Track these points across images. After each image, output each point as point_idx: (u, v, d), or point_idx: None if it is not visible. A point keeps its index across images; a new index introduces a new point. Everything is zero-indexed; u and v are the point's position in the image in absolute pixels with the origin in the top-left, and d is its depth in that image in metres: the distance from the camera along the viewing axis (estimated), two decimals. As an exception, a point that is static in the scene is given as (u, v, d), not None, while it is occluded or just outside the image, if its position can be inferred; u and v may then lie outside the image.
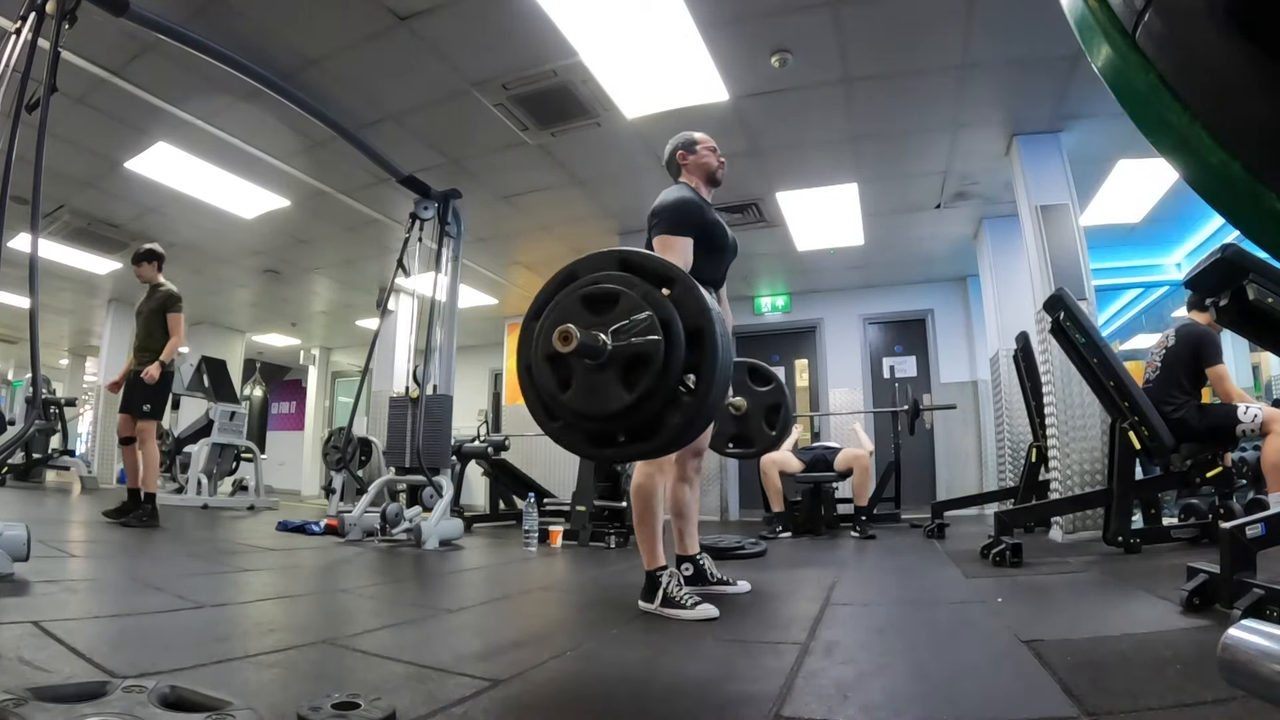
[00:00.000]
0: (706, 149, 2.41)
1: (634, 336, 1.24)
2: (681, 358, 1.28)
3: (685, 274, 1.40)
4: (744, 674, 1.31)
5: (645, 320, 1.26)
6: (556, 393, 1.31)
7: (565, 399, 1.32)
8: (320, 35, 3.53)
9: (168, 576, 2.35)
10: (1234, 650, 0.62)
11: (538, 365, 1.36)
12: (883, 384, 7.49)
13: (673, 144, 2.44)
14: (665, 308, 1.30)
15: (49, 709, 0.83)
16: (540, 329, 1.38)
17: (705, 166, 2.40)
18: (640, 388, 1.24)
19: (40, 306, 2.12)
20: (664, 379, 1.25)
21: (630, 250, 1.45)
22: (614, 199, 5.49)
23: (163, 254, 4.38)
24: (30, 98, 2.14)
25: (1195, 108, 0.41)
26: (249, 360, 11.10)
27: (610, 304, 1.33)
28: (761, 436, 2.88)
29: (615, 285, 1.35)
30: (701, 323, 1.31)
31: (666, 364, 1.26)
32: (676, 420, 1.29)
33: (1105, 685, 1.16)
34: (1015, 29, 3.40)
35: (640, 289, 1.32)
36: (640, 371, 1.25)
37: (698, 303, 1.32)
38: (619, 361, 1.27)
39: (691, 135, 2.45)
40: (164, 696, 0.90)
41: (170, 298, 4.22)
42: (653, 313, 1.28)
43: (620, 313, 1.30)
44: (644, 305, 1.29)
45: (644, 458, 1.32)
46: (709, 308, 1.32)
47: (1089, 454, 3.76)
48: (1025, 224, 4.37)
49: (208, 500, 6.09)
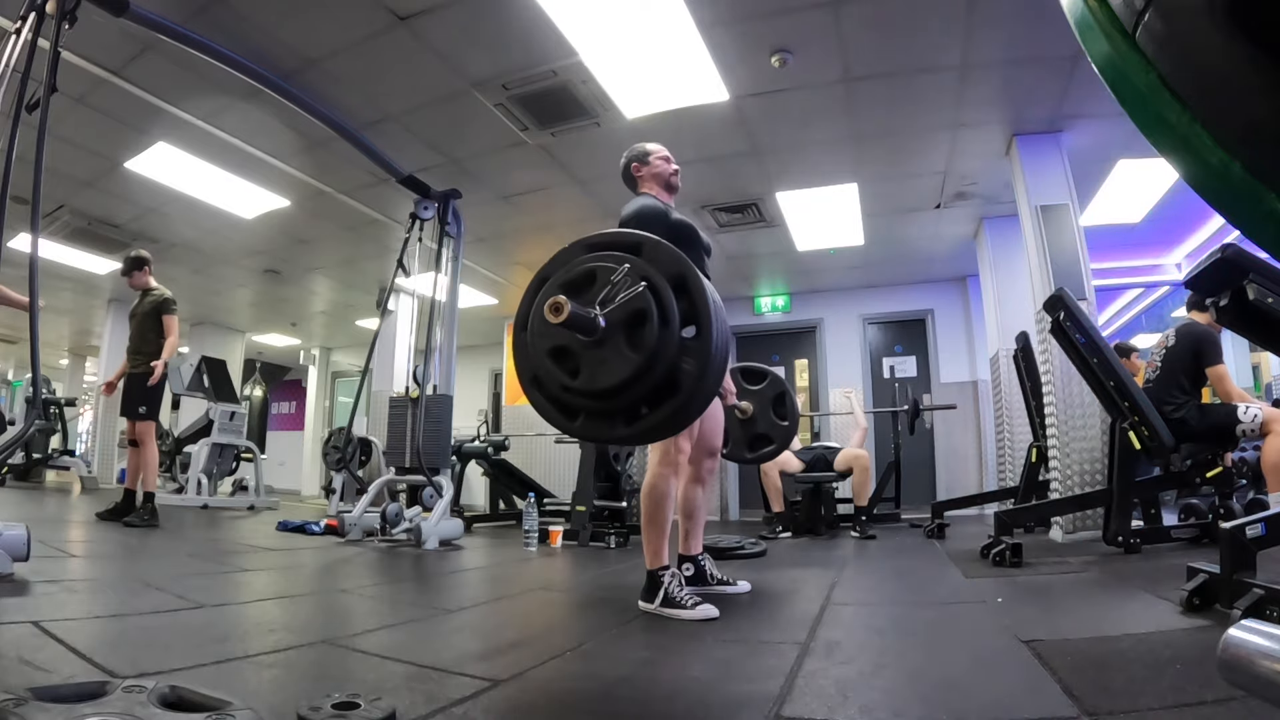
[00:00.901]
0: (659, 158, 2.46)
1: (620, 295, 1.25)
2: (674, 305, 1.29)
3: (649, 235, 1.41)
4: (744, 674, 1.31)
5: (626, 279, 1.27)
6: (567, 381, 1.30)
7: (578, 385, 1.31)
8: (320, 35, 3.52)
9: (168, 576, 2.35)
10: (1234, 650, 0.62)
11: (542, 365, 1.36)
12: (883, 384, 7.49)
13: (626, 157, 2.49)
14: (642, 266, 1.32)
15: (49, 709, 0.83)
16: (531, 334, 1.38)
17: (660, 175, 2.44)
18: (646, 345, 1.24)
19: (40, 306, 2.12)
20: (666, 330, 1.26)
21: (592, 235, 1.47)
22: (614, 199, 5.42)
23: (148, 257, 4.39)
24: (30, 98, 2.14)
25: (1195, 108, 0.41)
26: (249, 360, 11.10)
27: (589, 282, 1.35)
28: (776, 430, 2.89)
29: (589, 264, 1.36)
30: (681, 269, 1.33)
31: (662, 313, 1.27)
32: (691, 368, 1.29)
33: (1105, 685, 1.16)
34: (1015, 29, 3.39)
35: (611, 258, 1.34)
36: (640, 329, 1.25)
37: (670, 254, 1.34)
38: (617, 327, 1.27)
39: (644, 147, 2.49)
40: (164, 696, 0.90)
41: (164, 301, 4.24)
42: (630, 267, 1.29)
43: (600, 285, 1.31)
44: (620, 268, 1.30)
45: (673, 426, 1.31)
46: (682, 256, 1.34)
47: (1089, 454, 3.76)
48: (1025, 224, 4.37)
49: (208, 500, 6.09)
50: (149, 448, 4.18)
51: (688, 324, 1.31)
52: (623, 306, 1.25)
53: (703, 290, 1.31)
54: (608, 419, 1.35)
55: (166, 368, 4.12)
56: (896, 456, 5.41)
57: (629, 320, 1.27)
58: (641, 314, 1.26)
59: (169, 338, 4.19)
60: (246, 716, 0.85)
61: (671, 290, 1.30)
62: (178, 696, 0.91)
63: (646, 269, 1.31)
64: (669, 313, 1.28)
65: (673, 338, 1.29)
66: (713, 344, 1.30)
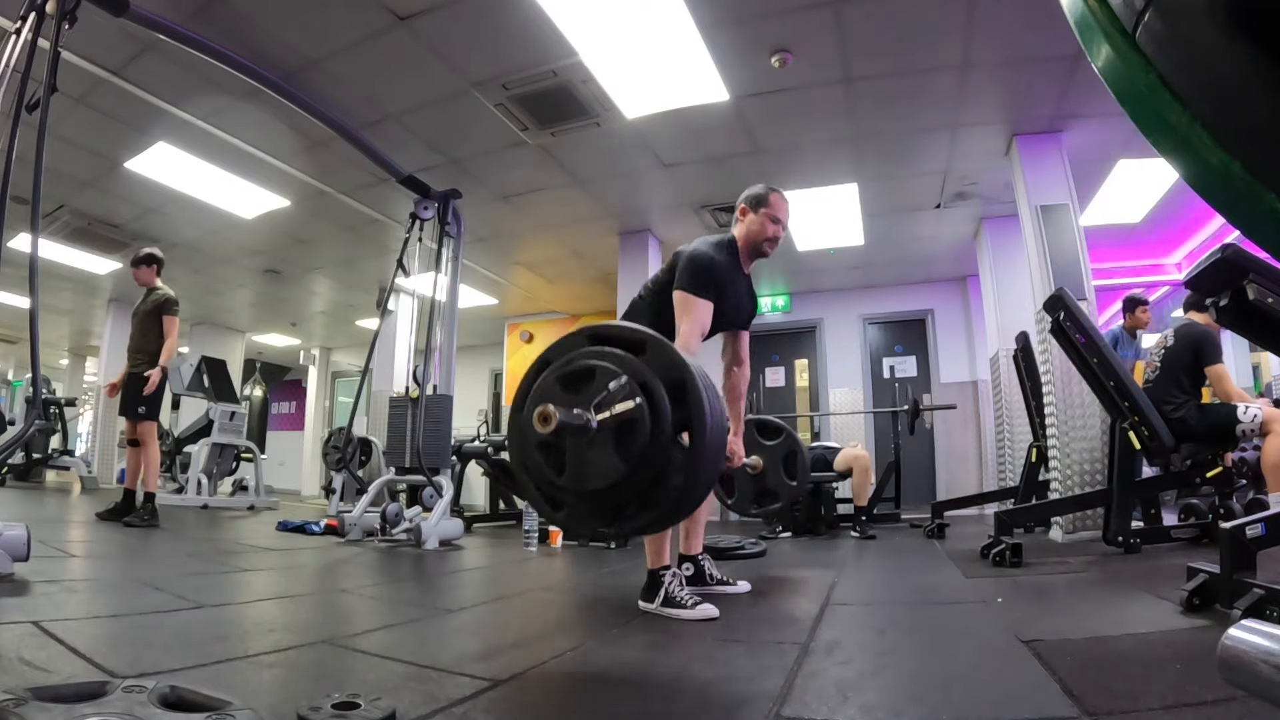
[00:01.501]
0: (767, 216, 2.28)
1: (616, 404, 1.23)
2: (669, 416, 1.26)
3: (655, 335, 1.38)
4: (744, 674, 1.31)
5: (623, 388, 1.25)
6: (554, 477, 1.29)
7: (563, 482, 1.29)
8: (320, 35, 3.52)
9: (168, 576, 2.35)
10: (1234, 650, 0.62)
11: (530, 456, 1.34)
12: (883, 384, 7.49)
13: (750, 191, 2.33)
14: (641, 371, 1.29)
15: (49, 709, 0.83)
16: (524, 423, 1.36)
17: (754, 234, 2.28)
18: (634, 455, 1.22)
19: (40, 306, 2.12)
20: (655, 441, 1.24)
21: (598, 325, 1.45)
22: (614, 199, 5.49)
23: (162, 258, 4.37)
24: (30, 98, 2.14)
25: (1195, 108, 0.41)
26: (249, 360, 11.10)
27: (587, 379, 1.32)
28: (784, 488, 2.84)
29: (589, 360, 1.34)
30: (682, 376, 1.30)
31: (655, 426, 1.24)
32: (678, 482, 1.28)
33: (1105, 685, 1.16)
34: (1015, 29, 3.39)
35: (613, 358, 1.32)
36: (630, 438, 1.23)
37: (672, 358, 1.31)
38: (607, 432, 1.25)
39: (764, 193, 2.30)
40: (164, 696, 0.90)
41: (166, 301, 4.22)
42: (629, 378, 1.27)
43: (598, 386, 1.28)
44: (619, 373, 1.28)
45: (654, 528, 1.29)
46: (684, 362, 1.31)
47: (1089, 454, 3.76)
48: (1025, 224, 4.36)
49: (208, 500, 6.09)
50: (150, 448, 4.17)
51: (681, 430, 1.29)
52: (615, 415, 1.24)
53: (700, 400, 1.28)
54: (590, 516, 1.35)
55: (165, 372, 4.11)
56: (896, 456, 5.41)
57: (620, 429, 1.25)
58: (632, 425, 1.24)
59: (168, 340, 4.18)
60: (246, 716, 0.85)
61: (669, 397, 1.28)
62: (178, 696, 0.91)
63: (645, 373, 1.28)
64: (662, 425, 1.25)
65: (663, 451, 1.27)
66: (704, 457, 1.28)
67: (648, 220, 5.93)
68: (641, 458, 1.23)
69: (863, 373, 7.54)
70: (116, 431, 8.62)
